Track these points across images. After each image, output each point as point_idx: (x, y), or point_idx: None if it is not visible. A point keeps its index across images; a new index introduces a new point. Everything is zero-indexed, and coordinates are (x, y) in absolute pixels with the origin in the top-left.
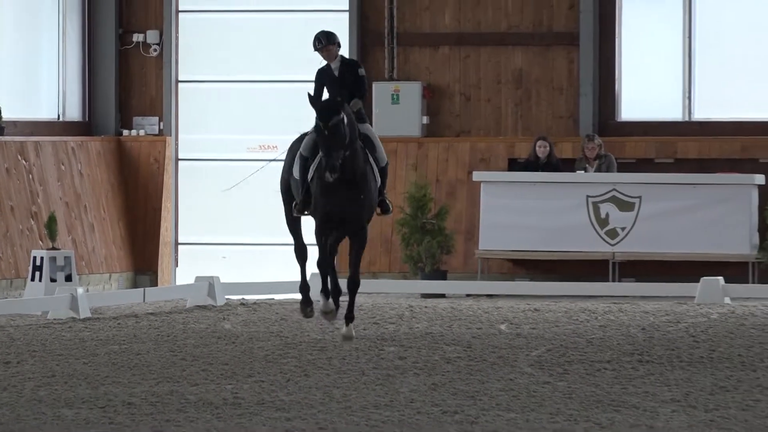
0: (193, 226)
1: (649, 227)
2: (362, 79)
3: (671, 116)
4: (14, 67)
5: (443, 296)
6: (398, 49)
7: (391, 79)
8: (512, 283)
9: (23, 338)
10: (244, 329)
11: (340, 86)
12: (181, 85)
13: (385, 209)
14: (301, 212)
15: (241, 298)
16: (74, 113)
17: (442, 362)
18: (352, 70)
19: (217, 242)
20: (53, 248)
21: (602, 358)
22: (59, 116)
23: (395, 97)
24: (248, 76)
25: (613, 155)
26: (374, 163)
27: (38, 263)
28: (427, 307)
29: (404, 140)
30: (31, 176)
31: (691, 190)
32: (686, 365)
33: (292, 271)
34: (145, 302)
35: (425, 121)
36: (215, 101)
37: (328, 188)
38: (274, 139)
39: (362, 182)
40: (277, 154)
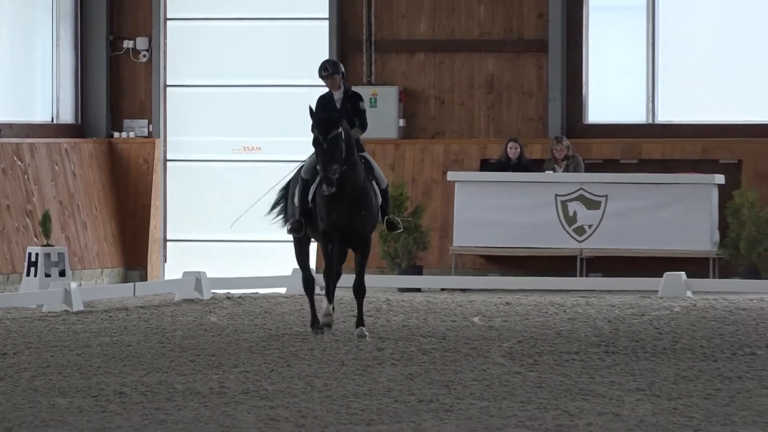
0: (180, 223)
1: (614, 225)
2: (364, 112)
3: (635, 119)
4: (10, 72)
5: (419, 290)
6: (376, 55)
7: (369, 83)
8: (485, 277)
9: (19, 330)
10: (229, 322)
11: (325, 121)
12: (169, 89)
13: (392, 227)
14: (295, 231)
15: (226, 292)
16: (67, 116)
17: (418, 353)
18: (354, 102)
19: (203, 239)
20: (48, 245)
21: (570, 349)
22: (53, 119)
23: (373, 100)
24: (233, 81)
25: (580, 156)
26: (375, 185)
27: (33, 259)
28: (403, 300)
29: (382, 142)
30: (26, 176)
31: (654, 189)
32: (650, 356)
33: (275, 266)
34: (135, 296)
35: (402, 123)
36: (202, 105)
37: (330, 204)
38: (257, 140)
39: (363, 198)
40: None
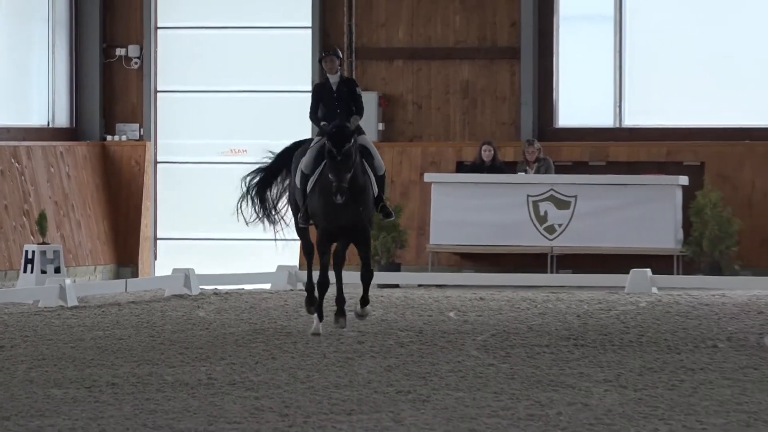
0: (170, 222)
1: (583, 224)
2: (359, 97)
3: (603, 123)
4: (7, 77)
5: (397, 286)
6: (356, 62)
7: None
8: (460, 274)
9: (16, 324)
10: (216, 316)
11: (336, 101)
12: (159, 94)
13: (386, 214)
14: (306, 223)
15: (214, 288)
16: (62, 120)
17: (396, 346)
18: (350, 87)
19: (192, 237)
20: (43, 243)
21: (541, 342)
22: (49, 123)
23: None
24: (220, 86)
25: (550, 158)
26: (372, 173)
27: (30, 256)
28: (382, 296)
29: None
30: (23, 177)
31: (621, 190)
32: (617, 349)
33: (260, 264)
34: (126, 292)
35: (381, 127)
36: (190, 109)
37: (329, 203)
38: (243, 143)
39: (361, 195)
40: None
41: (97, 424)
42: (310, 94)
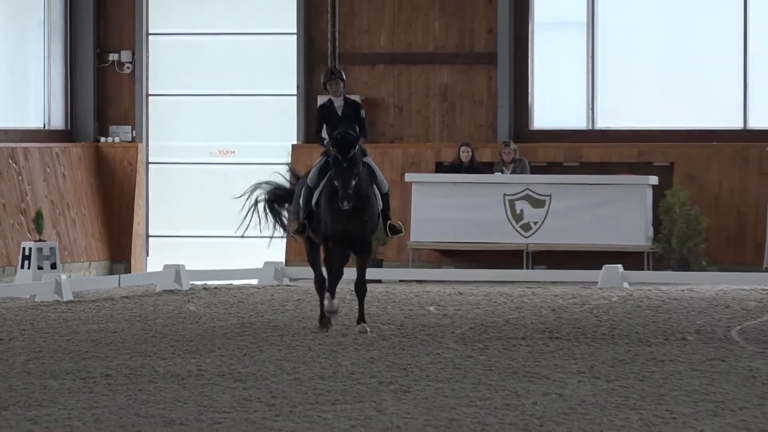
0: (161, 220)
1: (558, 222)
2: (364, 120)
3: (577, 125)
4: (5, 82)
5: (380, 282)
6: (340, 66)
7: None
8: (439, 270)
9: (14, 318)
10: (206, 311)
11: (342, 123)
12: (151, 98)
13: (393, 231)
14: (298, 232)
15: (203, 283)
16: (58, 123)
17: (378, 339)
18: (354, 110)
19: (182, 235)
20: (40, 240)
21: (517, 335)
22: (45, 125)
23: None
24: (209, 90)
25: (526, 159)
26: (377, 189)
27: (27, 253)
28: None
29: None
30: (20, 177)
31: (594, 189)
32: (590, 341)
33: (248, 260)
34: (120, 287)
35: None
36: (181, 112)
37: (335, 212)
38: (231, 144)
39: (366, 204)
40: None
41: (91, 413)
42: (294, 97)
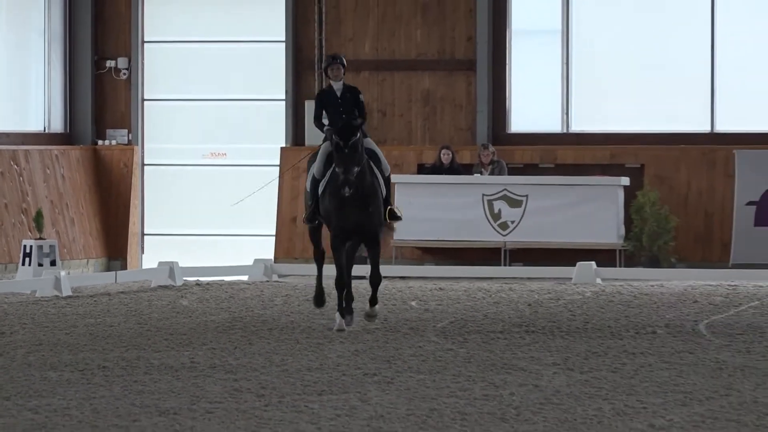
0: (156, 219)
1: (534, 220)
2: (363, 104)
3: (552, 129)
4: (7, 87)
5: (364, 278)
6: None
7: None
8: (421, 266)
9: (15, 313)
10: (198, 305)
11: (341, 107)
12: (146, 103)
13: (393, 217)
14: (309, 222)
15: (196, 279)
16: (57, 126)
17: (363, 332)
18: (353, 94)
19: (176, 233)
20: (40, 238)
21: (495, 329)
22: (45, 128)
23: None
24: (202, 95)
25: (504, 161)
26: (379, 175)
27: (28, 251)
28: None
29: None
30: (21, 178)
31: (568, 189)
32: (565, 335)
33: (238, 257)
34: (116, 283)
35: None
36: (175, 116)
37: (340, 203)
38: (223, 147)
39: (371, 195)
40: (225, 160)
41: (89, 403)
42: (283, 102)
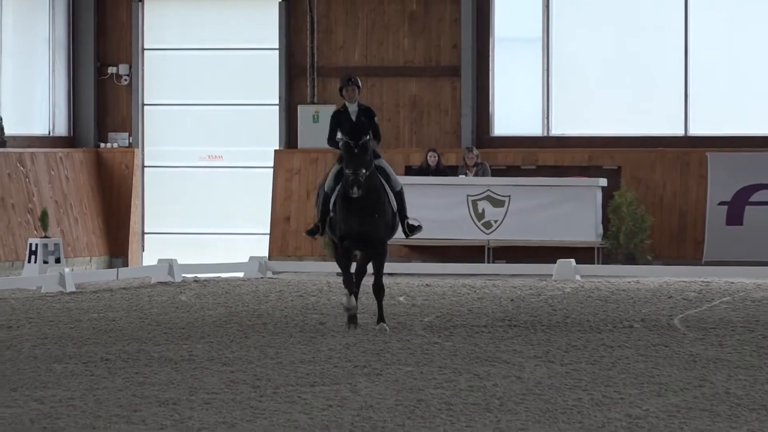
0: (156, 219)
1: (516, 220)
2: (377, 126)
3: (533, 132)
4: (14, 93)
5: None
6: (318, 79)
7: (312, 103)
8: (409, 263)
9: (22, 308)
10: (196, 301)
11: (356, 129)
12: (146, 107)
13: (412, 230)
14: (310, 234)
15: (194, 276)
16: (62, 130)
17: (353, 327)
18: (368, 116)
19: (175, 232)
20: (45, 237)
21: (480, 323)
22: (50, 132)
23: (316, 117)
24: (199, 100)
25: (487, 163)
26: (389, 189)
27: (33, 249)
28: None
29: (323, 151)
30: (27, 180)
31: (549, 190)
32: (546, 329)
33: (234, 255)
34: (118, 279)
35: (339, 136)
36: (173, 120)
37: (348, 209)
38: (219, 150)
39: (377, 201)
40: (221, 162)
41: (92, 394)
42: (276, 106)
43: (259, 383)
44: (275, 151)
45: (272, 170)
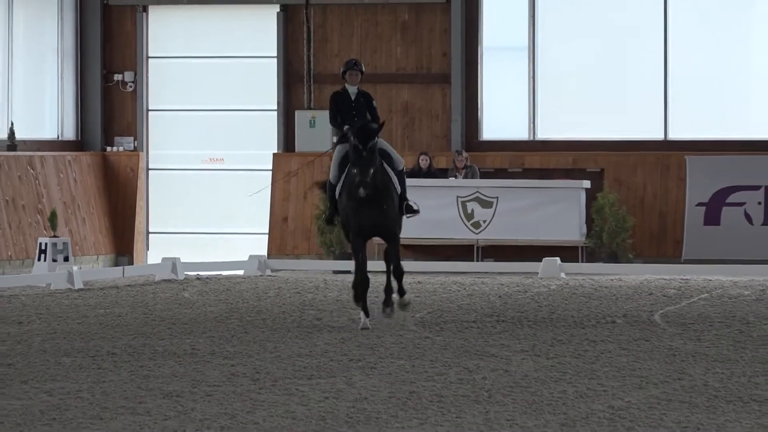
0: (160, 219)
1: (504, 220)
2: (375, 109)
3: (520, 136)
4: (24, 99)
5: (349, 272)
6: (314, 86)
7: (309, 108)
8: (401, 262)
9: (32, 304)
10: (199, 297)
11: (354, 110)
12: (150, 113)
13: (411, 210)
14: (329, 223)
15: (197, 274)
16: (70, 134)
17: (348, 322)
18: (367, 99)
19: (178, 231)
20: (54, 236)
21: (469, 318)
22: (58, 136)
23: (312, 122)
24: (201, 106)
25: (476, 166)
26: (391, 172)
27: (43, 247)
28: (337, 280)
29: (319, 154)
30: (37, 182)
31: (535, 192)
32: (532, 324)
33: (235, 254)
34: (124, 277)
35: (335, 140)
36: (176, 125)
37: (357, 204)
38: (220, 153)
39: (385, 193)
40: (222, 165)
41: (99, 387)
42: (275, 112)
43: (258, 376)
44: (274, 154)
45: (271, 172)
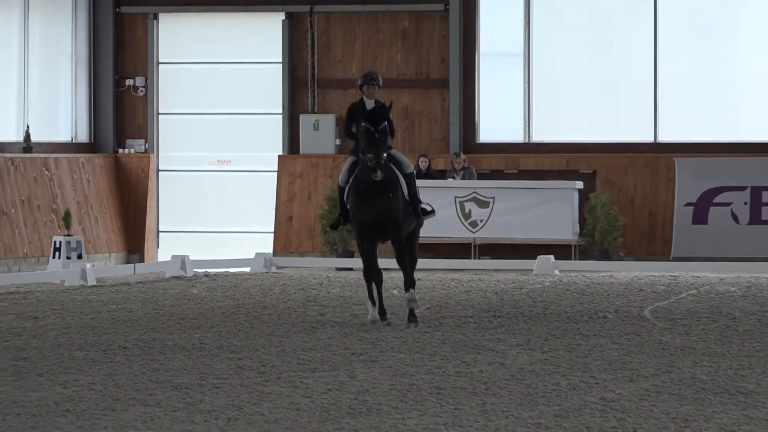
0: (169, 218)
1: (500, 219)
2: (391, 121)
3: (515, 139)
4: (40, 103)
5: (351, 269)
6: (318, 90)
7: (313, 112)
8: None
9: (47, 300)
10: (207, 293)
11: (375, 115)
12: (161, 116)
13: (425, 213)
14: (333, 228)
15: (205, 271)
16: (83, 137)
17: (350, 317)
18: (384, 112)
19: (187, 230)
20: (68, 235)
21: (466, 314)
22: (72, 139)
23: (316, 125)
24: (210, 110)
25: (473, 167)
26: (400, 174)
27: (57, 246)
28: (339, 277)
29: (323, 156)
30: (52, 183)
31: (530, 192)
32: (527, 319)
33: (241, 251)
34: (135, 274)
35: (338, 142)
36: (186, 128)
37: (362, 198)
38: (227, 155)
39: (391, 184)
40: (229, 166)
41: (111, 379)
42: (280, 115)
43: (264, 369)
44: (279, 156)
45: (276, 174)
